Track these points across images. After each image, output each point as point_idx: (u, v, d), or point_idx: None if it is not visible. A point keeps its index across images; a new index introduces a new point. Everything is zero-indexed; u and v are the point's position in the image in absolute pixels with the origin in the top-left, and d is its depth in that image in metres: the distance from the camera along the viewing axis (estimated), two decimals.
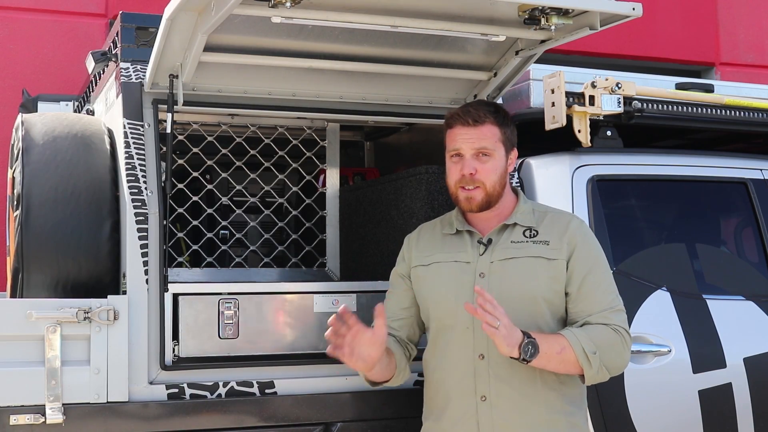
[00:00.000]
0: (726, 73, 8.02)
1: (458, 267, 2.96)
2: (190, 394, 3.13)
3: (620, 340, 2.86)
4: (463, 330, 2.90)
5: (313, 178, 3.87)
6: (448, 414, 2.93)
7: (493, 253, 2.94)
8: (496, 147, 2.93)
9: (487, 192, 2.92)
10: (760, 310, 3.87)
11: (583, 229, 2.99)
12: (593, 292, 2.90)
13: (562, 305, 2.92)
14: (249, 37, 3.08)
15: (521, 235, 2.95)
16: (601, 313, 2.87)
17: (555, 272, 2.89)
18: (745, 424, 3.71)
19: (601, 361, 2.81)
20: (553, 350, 2.76)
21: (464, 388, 2.89)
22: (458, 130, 2.95)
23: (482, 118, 2.93)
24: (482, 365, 2.87)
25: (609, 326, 2.86)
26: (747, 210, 4.09)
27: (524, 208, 3.01)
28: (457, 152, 2.95)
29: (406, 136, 4.19)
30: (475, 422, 2.87)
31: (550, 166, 3.74)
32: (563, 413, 2.88)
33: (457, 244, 3.00)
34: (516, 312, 2.82)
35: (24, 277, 3.17)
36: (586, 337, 2.80)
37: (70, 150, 3.29)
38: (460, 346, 2.91)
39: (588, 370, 2.80)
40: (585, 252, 2.93)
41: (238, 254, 3.75)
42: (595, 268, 2.93)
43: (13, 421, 2.90)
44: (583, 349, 2.77)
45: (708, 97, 4.01)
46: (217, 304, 3.21)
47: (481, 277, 2.91)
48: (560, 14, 2.85)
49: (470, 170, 2.90)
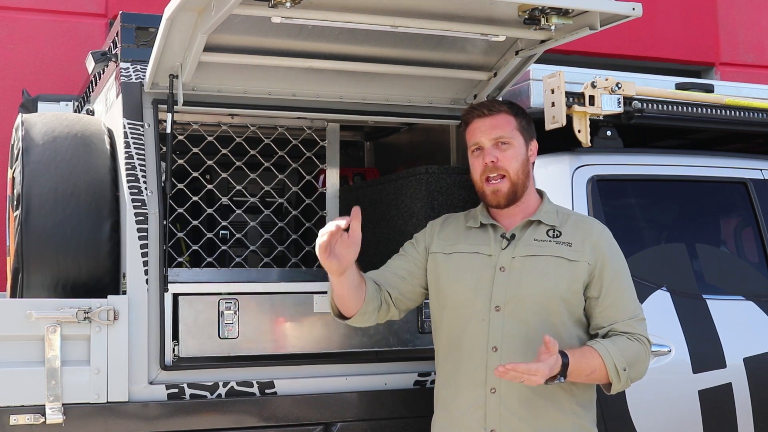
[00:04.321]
0: (726, 73, 8.02)
1: (479, 259, 2.97)
2: (190, 394, 3.13)
3: (645, 350, 2.93)
4: (478, 321, 2.92)
5: (313, 178, 3.86)
6: (457, 403, 2.94)
7: (515, 248, 2.95)
8: (513, 135, 2.98)
9: (512, 181, 2.95)
10: (760, 310, 3.87)
11: (608, 235, 3.02)
12: (620, 300, 2.94)
13: (579, 306, 2.94)
14: (249, 37, 3.08)
15: (545, 234, 2.98)
16: (626, 321, 2.92)
17: (575, 273, 2.91)
18: (745, 424, 3.71)
19: (628, 375, 2.87)
20: (584, 372, 2.82)
21: (475, 379, 2.91)
22: (475, 124, 3.00)
23: (497, 108, 3.00)
24: (495, 357, 2.88)
25: (634, 336, 2.91)
26: (747, 210, 4.09)
27: (549, 207, 3.04)
28: (477, 146, 3.00)
29: (406, 136, 4.19)
30: (483, 413, 2.89)
31: (550, 166, 3.74)
32: (570, 413, 2.90)
33: (481, 237, 3.02)
34: (533, 310, 2.88)
35: (24, 277, 3.17)
36: (618, 352, 2.84)
37: (70, 150, 3.29)
38: (475, 337, 2.92)
39: (616, 385, 2.87)
40: (612, 259, 2.97)
41: (238, 254, 3.75)
42: (622, 276, 2.97)
43: (13, 421, 2.90)
44: (615, 365, 2.83)
45: (708, 97, 4.01)
46: (217, 304, 3.21)
47: (502, 271, 2.93)
48: (560, 14, 2.85)
49: (491, 158, 2.94)
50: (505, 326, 2.88)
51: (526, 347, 2.86)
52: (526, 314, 2.88)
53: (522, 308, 2.89)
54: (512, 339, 2.87)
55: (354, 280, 2.87)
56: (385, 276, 3.05)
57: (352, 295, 2.90)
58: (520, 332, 2.87)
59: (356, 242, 2.76)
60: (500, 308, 2.89)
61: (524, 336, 2.87)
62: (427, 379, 3.37)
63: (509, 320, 2.88)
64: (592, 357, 2.82)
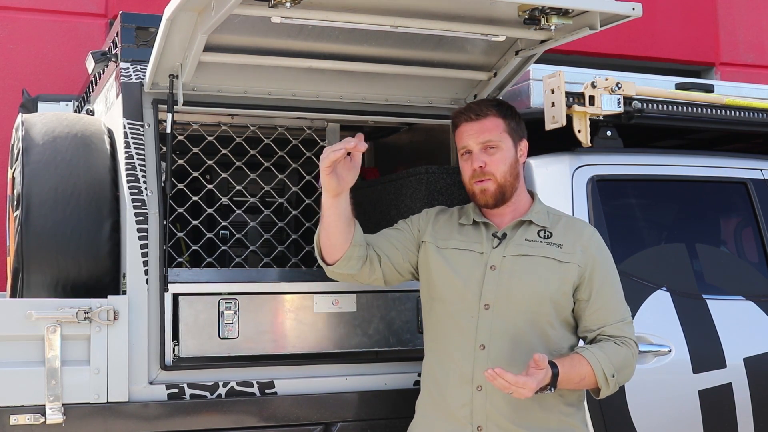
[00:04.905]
0: (726, 73, 8.02)
1: (471, 256, 2.99)
2: (190, 394, 3.13)
3: (633, 354, 2.97)
4: (467, 319, 2.93)
5: (313, 178, 3.86)
6: (443, 400, 2.96)
7: (507, 247, 2.97)
8: (502, 138, 2.99)
9: (499, 183, 2.97)
10: (760, 310, 3.87)
11: (598, 238, 3.05)
12: (609, 303, 2.97)
13: (568, 307, 2.96)
14: (249, 37, 3.08)
15: (536, 235, 2.99)
16: (615, 325, 2.96)
17: (565, 275, 2.93)
18: (745, 424, 3.71)
19: (616, 380, 2.90)
20: (573, 381, 2.85)
21: (462, 376, 2.92)
22: (463, 128, 3.02)
23: (484, 112, 3.00)
24: (482, 355, 2.89)
25: (622, 339, 2.94)
26: (747, 210, 4.09)
27: (540, 208, 3.06)
28: (466, 149, 3.02)
29: (406, 136, 4.19)
30: (469, 410, 2.90)
31: (550, 166, 3.73)
32: (558, 412, 2.92)
33: (473, 235, 3.04)
34: (522, 310, 2.90)
35: (24, 277, 3.16)
36: (606, 359, 2.87)
37: (70, 150, 3.29)
38: (463, 334, 2.93)
39: (605, 390, 2.90)
40: (602, 262, 2.99)
41: (238, 254, 3.74)
42: (611, 279, 3.00)
43: (13, 421, 2.90)
44: (604, 372, 2.86)
45: (708, 97, 4.01)
46: (217, 304, 3.21)
47: (492, 270, 2.94)
48: (560, 14, 2.85)
49: (479, 164, 2.96)
50: (494, 325, 2.90)
51: (513, 347, 2.88)
52: (515, 314, 2.90)
53: (511, 308, 2.90)
54: (500, 338, 2.89)
55: (346, 209, 2.88)
56: (377, 239, 3.06)
57: (341, 226, 2.88)
58: (508, 331, 2.90)
59: (357, 166, 2.83)
60: (489, 306, 2.91)
61: (512, 335, 2.89)
62: None
63: (498, 319, 2.90)
64: (581, 365, 2.85)
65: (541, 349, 2.88)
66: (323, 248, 2.97)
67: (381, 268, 3.02)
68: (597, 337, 2.96)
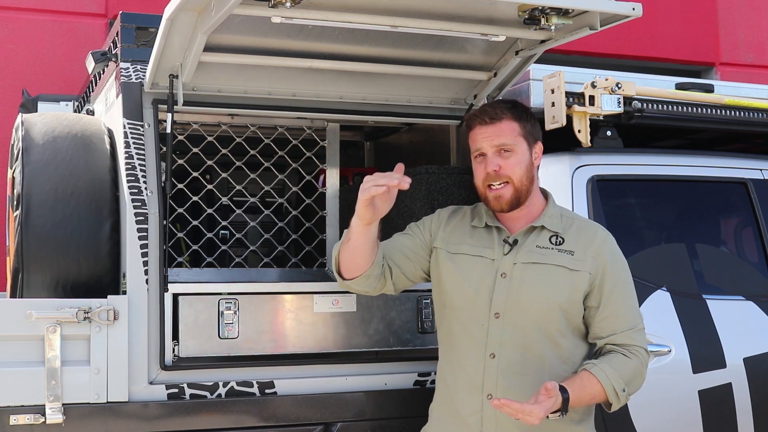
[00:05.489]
0: (726, 73, 8.02)
1: (482, 263, 2.96)
2: (190, 394, 3.13)
3: (643, 363, 2.92)
4: (478, 327, 2.92)
5: (313, 178, 3.86)
6: (453, 408, 2.95)
7: (517, 254, 2.94)
8: (516, 142, 2.94)
9: (515, 187, 2.93)
10: (760, 310, 3.87)
11: (611, 242, 3.00)
12: (619, 310, 2.93)
13: (578, 315, 2.93)
14: (249, 37, 3.07)
15: (547, 241, 2.95)
16: (625, 332, 2.91)
17: (576, 283, 2.90)
18: (745, 424, 3.71)
19: (627, 393, 2.88)
20: (584, 401, 2.84)
21: (472, 384, 2.91)
22: (477, 130, 2.98)
23: (499, 115, 2.95)
24: (492, 364, 2.88)
25: (632, 348, 2.90)
26: (747, 210, 4.09)
27: (553, 211, 3.01)
28: (479, 152, 2.97)
29: (406, 136, 4.19)
30: (479, 418, 2.89)
31: (550, 166, 3.73)
32: (568, 421, 2.86)
33: (485, 239, 3.01)
34: (532, 319, 2.88)
35: (24, 277, 3.16)
36: (616, 374, 2.84)
37: (70, 150, 3.29)
38: (473, 341, 2.92)
39: (616, 404, 2.87)
40: (613, 268, 2.95)
41: (238, 254, 3.74)
42: (622, 285, 2.96)
43: (13, 421, 2.90)
44: (614, 388, 2.83)
45: (708, 97, 4.01)
46: (217, 304, 3.21)
47: (503, 277, 2.92)
48: (560, 14, 2.84)
49: (494, 167, 2.92)
50: (504, 333, 2.88)
51: (523, 355, 2.87)
52: (525, 322, 2.88)
53: (521, 316, 2.88)
54: (510, 347, 2.88)
55: (375, 235, 2.88)
56: (391, 251, 3.04)
57: (367, 250, 2.89)
58: (518, 340, 2.88)
59: (393, 198, 2.82)
60: (500, 315, 2.89)
61: (522, 344, 2.87)
62: (427, 379, 3.37)
63: (508, 328, 2.88)
64: (591, 384, 2.82)
65: (551, 357, 2.88)
66: (343, 265, 2.96)
67: (392, 280, 3.02)
68: (606, 345, 2.92)
